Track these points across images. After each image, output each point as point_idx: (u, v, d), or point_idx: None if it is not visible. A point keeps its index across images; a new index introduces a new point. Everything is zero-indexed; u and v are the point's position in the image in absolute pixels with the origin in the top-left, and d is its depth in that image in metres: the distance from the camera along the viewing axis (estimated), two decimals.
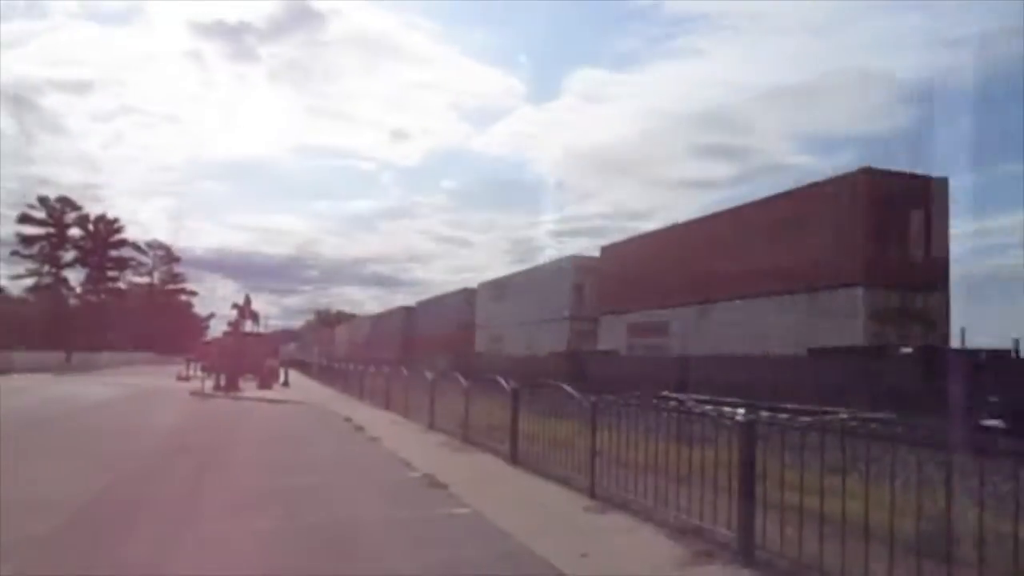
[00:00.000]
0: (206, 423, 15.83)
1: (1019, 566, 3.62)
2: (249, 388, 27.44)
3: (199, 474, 9.21)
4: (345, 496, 8.01)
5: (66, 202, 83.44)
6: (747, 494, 5.21)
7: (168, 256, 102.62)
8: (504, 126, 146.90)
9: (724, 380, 14.77)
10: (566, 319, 25.69)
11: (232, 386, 26.64)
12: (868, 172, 15.32)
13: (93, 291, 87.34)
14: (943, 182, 15.49)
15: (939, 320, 15.12)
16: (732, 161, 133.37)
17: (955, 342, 14.50)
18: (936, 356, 13.36)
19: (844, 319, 14.77)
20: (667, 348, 19.90)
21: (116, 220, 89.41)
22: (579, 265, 26.29)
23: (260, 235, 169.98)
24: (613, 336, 23.11)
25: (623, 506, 6.86)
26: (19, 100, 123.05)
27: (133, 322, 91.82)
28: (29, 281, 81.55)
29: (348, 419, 16.47)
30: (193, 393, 25.10)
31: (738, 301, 17.66)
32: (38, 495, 7.34)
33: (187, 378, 33.02)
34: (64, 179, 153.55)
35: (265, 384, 29.42)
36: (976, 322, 13.70)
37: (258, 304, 51.64)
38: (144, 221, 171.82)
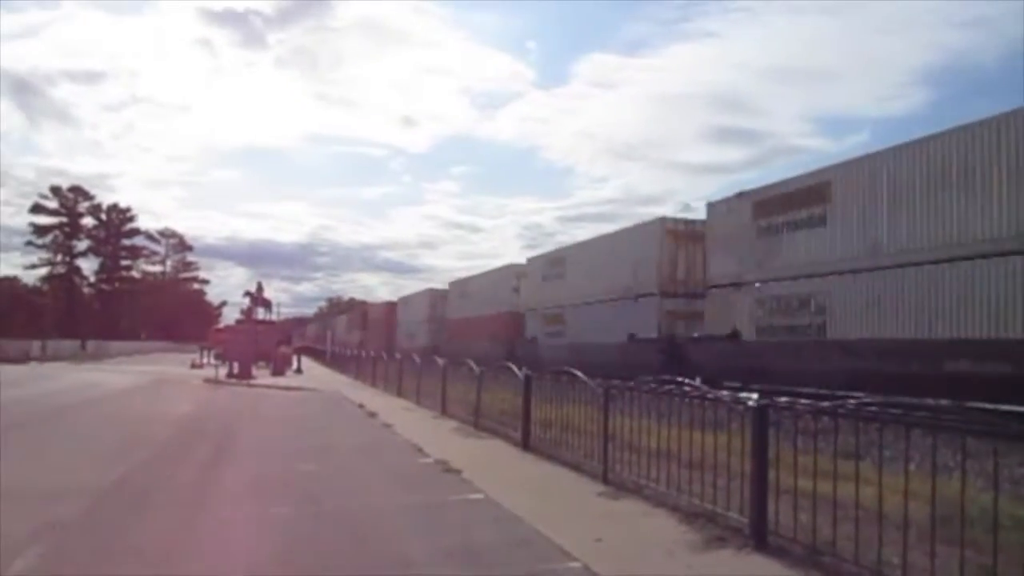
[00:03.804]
0: (221, 410, 15.97)
1: None
2: (263, 375, 27.65)
3: (216, 460, 9.32)
4: (359, 482, 8.08)
5: (79, 192, 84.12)
6: (760, 479, 5.22)
7: (181, 244, 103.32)
8: (514, 111, 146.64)
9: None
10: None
11: (245, 373, 26.83)
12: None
13: (106, 280, 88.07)
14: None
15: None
16: (746, 144, 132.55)
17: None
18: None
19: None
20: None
21: (129, 209, 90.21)
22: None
23: (272, 223, 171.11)
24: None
25: (636, 491, 6.88)
26: (31, 90, 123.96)
27: (147, 310, 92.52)
28: (43, 271, 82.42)
29: (361, 406, 16.59)
30: (207, 380, 25.33)
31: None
32: (62, 481, 7.46)
33: (201, 366, 33.35)
34: (76, 169, 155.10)
35: (278, 371, 29.63)
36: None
37: (270, 291, 51.70)
38: (157, 210, 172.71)
